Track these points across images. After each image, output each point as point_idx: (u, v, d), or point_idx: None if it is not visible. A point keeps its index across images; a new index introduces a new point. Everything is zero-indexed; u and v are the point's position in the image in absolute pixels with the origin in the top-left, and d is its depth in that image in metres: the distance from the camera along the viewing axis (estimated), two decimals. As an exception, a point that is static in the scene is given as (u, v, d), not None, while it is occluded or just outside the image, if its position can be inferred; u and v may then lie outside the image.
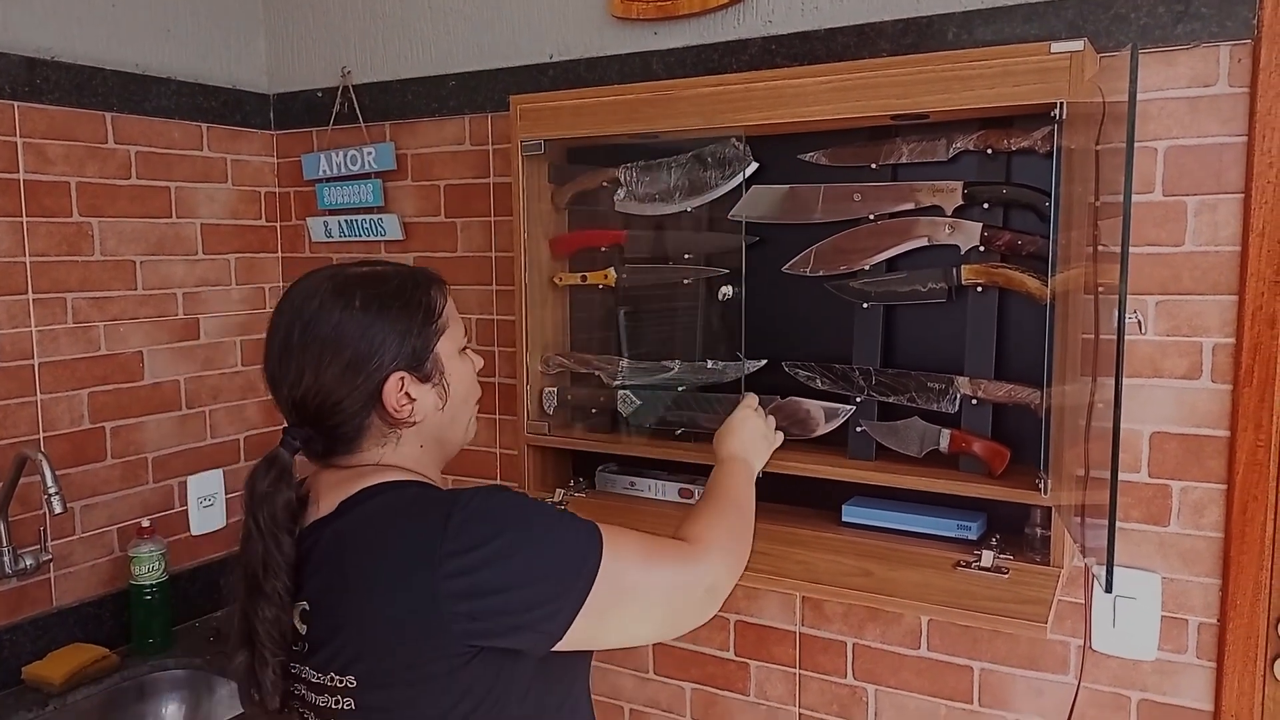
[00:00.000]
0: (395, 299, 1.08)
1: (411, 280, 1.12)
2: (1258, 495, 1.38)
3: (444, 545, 0.97)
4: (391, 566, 0.99)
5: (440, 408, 1.11)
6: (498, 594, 0.97)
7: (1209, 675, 1.44)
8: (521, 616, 0.98)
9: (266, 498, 1.05)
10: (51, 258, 1.86)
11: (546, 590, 0.99)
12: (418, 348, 1.08)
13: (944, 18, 1.51)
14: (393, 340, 1.06)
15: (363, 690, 1.01)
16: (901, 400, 1.47)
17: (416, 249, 2.06)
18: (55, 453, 1.83)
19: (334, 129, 2.13)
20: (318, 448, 1.10)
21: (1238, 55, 1.35)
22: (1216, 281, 1.38)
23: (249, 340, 2.23)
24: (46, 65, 1.84)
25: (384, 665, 0.99)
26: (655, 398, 1.65)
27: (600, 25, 1.80)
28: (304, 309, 1.07)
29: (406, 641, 0.98)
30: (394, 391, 1.06)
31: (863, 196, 1.48)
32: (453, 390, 1.12)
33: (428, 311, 1.10)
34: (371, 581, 1.00)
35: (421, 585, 0.97)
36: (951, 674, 1.62)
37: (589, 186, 1.71)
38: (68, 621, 1.89)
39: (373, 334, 1.06)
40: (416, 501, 1.04)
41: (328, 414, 1.06)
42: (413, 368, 1.08)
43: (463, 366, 1.15)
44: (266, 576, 1.03)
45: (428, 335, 1.09)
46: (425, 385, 1.09)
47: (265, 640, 1.03)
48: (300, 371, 1.05)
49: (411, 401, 1.08)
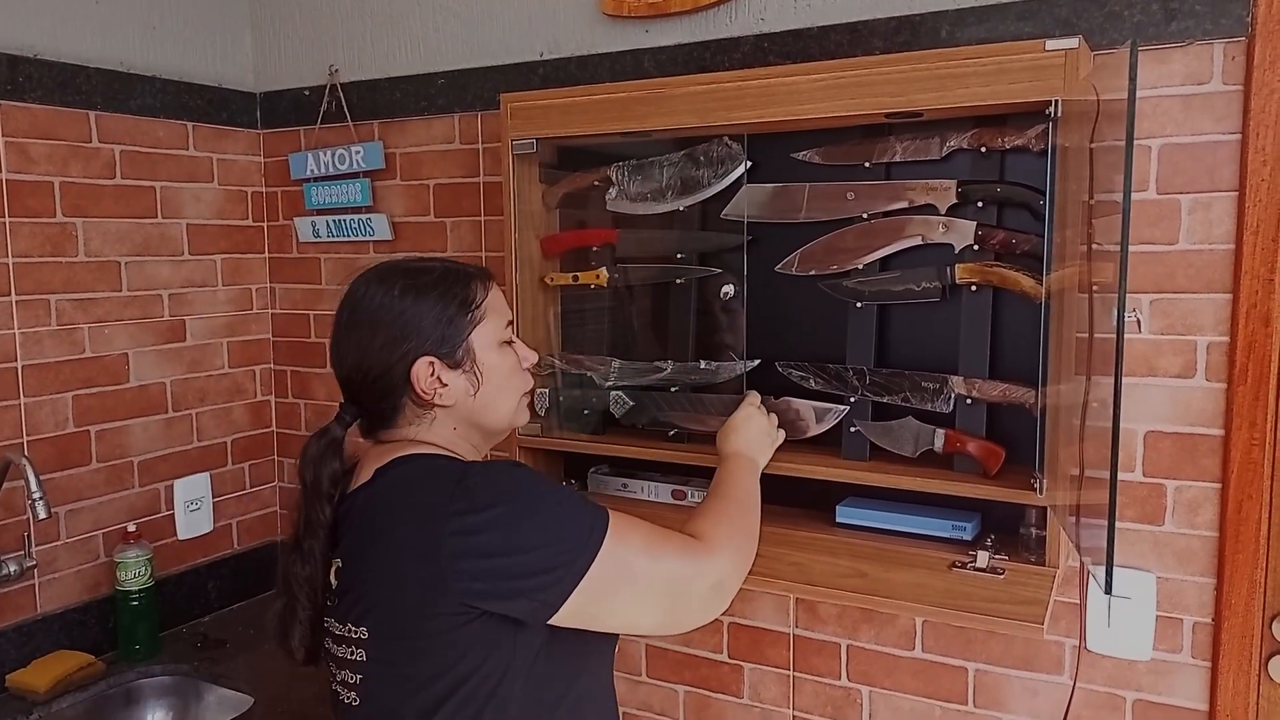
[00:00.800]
0: (434, 288, 1.17)
1: (454, 273, 1.20)
2: (1252, 494, 1.37)
3: (452, 504, 1.04)
4: (405, 523, 1.07)
5: (472, 394, 1.18)
6: (499, 556, 1.03)
7: (1204, 675, 1.44)
8: (520, 582, 1.03)
9: (313, 463, 1.15)
10: (35, 259, 1.83)
11: (547, 559, 1.04)
12: (449, 335, 1.16)
13: (937, 15, 1.50)
14: (426, 326, 1.15)
15: (372, 641, 1.08)
16: (896, 400, 1.46)
17: (405, 249, 2.04)
18: (39, 457, 1.81)
19: (322, 128, 2.11)
20: (364, 424, 1.20)
21: (1231, 53, 1.35)
22: (1211, 280, 1.38)
23: (236, 342, 2.21)
24: (29, 63, 1.81)
25: (392, 618, 1.06)
26: (648, 398, 1.64)
27: (591, 23, 1.79)
28: (355, 293, 1.19)
29: (410, 595, 1.04)
30: (424, 375, 1.14)
31: (856, 195, 1.47)
32: (486, 379, 1.19)
33: (464, 302, 1.17)
34: (388, 537, 1.08)
35: (428, 541, 1.03)
36: (946, 675, 1.61)
37: (580, 186, 1.69)
38: (52, 628, 1.87)
39: (407, 319, 1.15)
40: (436, 468, 1.11)
41: (368, 391, 1.16)
42: (444, 354, 1.15)
43: (502, 358, 1.21)
44: (305, 536, 1.14)
45: (460, 324, 1.16)
46: (455, 371, 1.17)
47: (298, 594, 1.13)
48: (348, 351, 1.17)
49: (443, 386, 1.16)
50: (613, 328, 1.73)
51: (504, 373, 1.21)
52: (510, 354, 1.23)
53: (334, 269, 2.17)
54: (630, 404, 1.64)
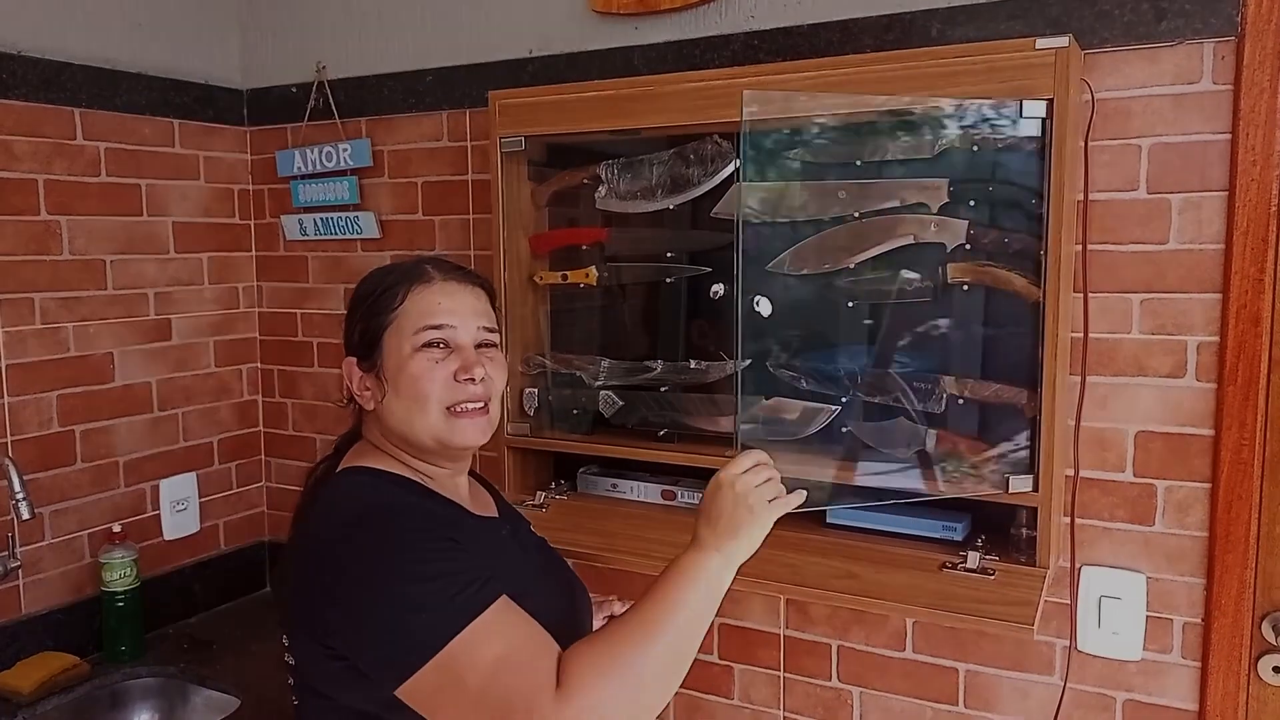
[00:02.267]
0: (362, 287, 1.18)
1: (386, 272, 1.19)
2: (1242, 494, 1.37)
3: (325, 562, 1.04)
4: (303, 551, 1.10)
5: (380, 398, 1.15)
6: (352, 615, 1.01)
7: (1194, 675, 1.44)
8: (361, 651, 1.02)
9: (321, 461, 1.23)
10: (18, 257, 1.81)
11: (386, 640, 0.99)
12: (365, 333, 1.15)
13: (928, 14, 1.49)
14: (353, 325, 1.17)
15: (293, 651, 1.11)
16: (887, 400, 1.46)
17: (393, 247, 2.03)
18: (23, 457, 1.79)
19: (309, 125, 2.10)
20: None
21: (1221, 52, 1.35)
22: (1201, 279, 1.38)
23: (222, 341, 2.19)
24: (13, 60, 1.79)
25: (297, 639, 1.10)
26: (638, 398, 1.63)
27: (580, 20, 1.78)
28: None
29: (298, 621, 1.08)
30: (347, 372, 1.17)
31: (847, 194, 1.46)
32: (389, 386, 1.14)
33: (378, 298, 1.15)
34: (295, 558, 1.11)
35: (307, 582, 1.06)
36: (937, 676, 1.61)
37: (569, 184, 1.68)
38: (37, 629, 1.85)
39: (347, 315, 1.19)
40: (346, 498, 1.12)
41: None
42: (360, 355, 1.16)
43: (410, 364, 1.12)
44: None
45: (374, 322, 1.15)
46: (370, 375, 1.15)
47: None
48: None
49: (366, 390, 1.16)
50: (602, 327, 1.72)
51: (408, 381, 1.11)
52: (421, 361, 1.12)
53: (321, 267, 2.16)
54: (620, 404, 1.64)
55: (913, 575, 1.38)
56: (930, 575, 1.37)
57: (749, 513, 1.07)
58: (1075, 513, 1.47)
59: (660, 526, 1.57)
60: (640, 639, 1.00)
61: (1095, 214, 1.42)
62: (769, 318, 1.56)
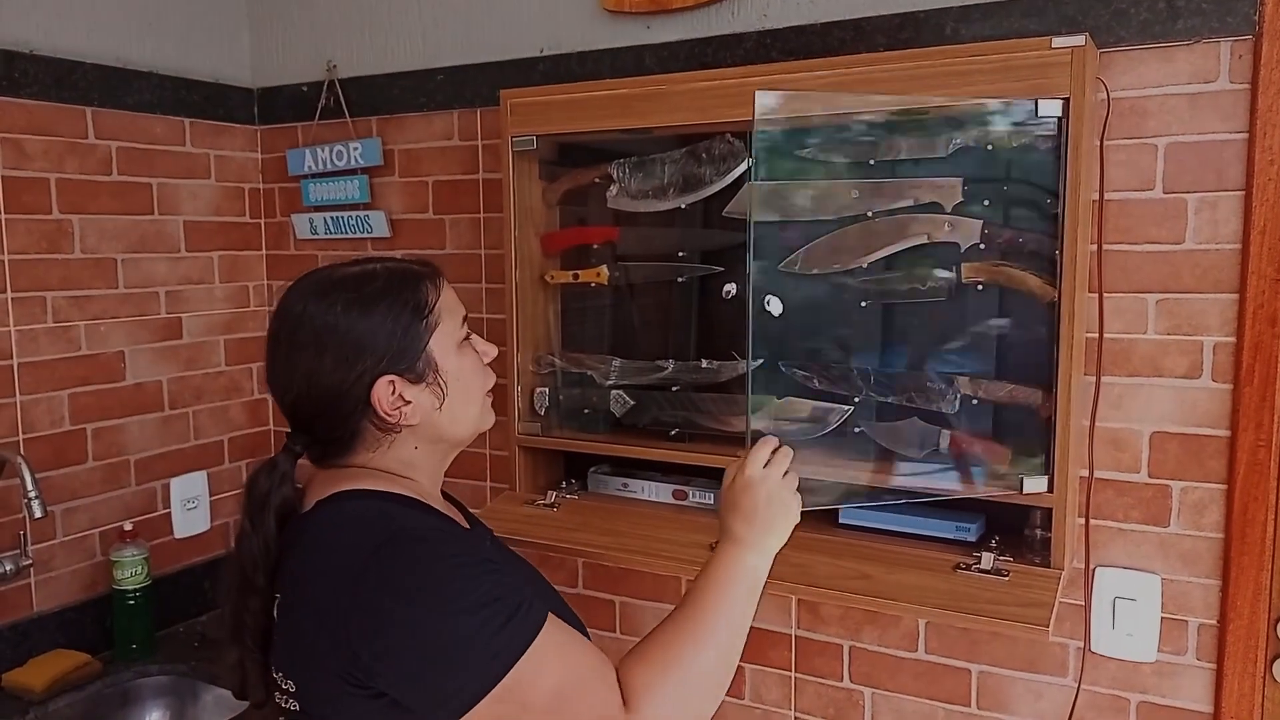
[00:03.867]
0: (381, 298, 1.05)
1: (400, 276, 1.08)
2: (1258, 496, 1.36)
3: (364, 581, 0.95)
4: (319, 585, 0.99)
5: (438, 407, 1.08)
6: (397, 655, 0.94)
7: (1209, 677, 1.43)
8: (409, 689, 0.95)
9: (264, 500, 1.04)
10: (31, 255, 1.82)
11: (437, 676, 0.94)
12: (407, 348, 1.05)
13: (941, 12, 1.49)
14: (380, 341, 1.04)
15: (300, 696, 1.01)
16: (901, 400, 1.45)
17: (404, 246, 2.03)
18: (35, 455, 1.79)
19: (320, 124, 2.10)
20: (315, 453, 1.09)
21: (1238, 51, 1.34)
22: (1217, 280, 1.37)
23: (233, 340, 2.19)
24: (25, 59, 1.79)
25: (311, 679, 1.00)
26: (649, 398, 1.62)
27: (592, 18, 1.77)
28: (290, 313, 1.06)
29: (323, 661, 0.97)
30: (385, 395, 1.04)
31: (860, 193, 1.46)
32: (452, 388, 1.09)
33: (416, 308, 1.07)
34: (306, 593, 1.00)
35: (337, 613, 0.96)
36: (949, 677, 1.60)
37: (581, 183, 1.68)
38: (49, 627, 1.85)
39: (357, 336, 1.03)
40: (364, 522, 1.01)
41: (321, 420, 1.06)
42: (403, 369, 1.05)
43: (463, 360, 1.11)
44: (256, 572, 1.04)
45: (417, 333, 1.06)
46: (419, 386, 1.06)
47: (254, 632, 1.04)
48: (291, 377, 1.05)
49: (406, 404, 1.05)
50: (613, 326, 1.72)
51: (469, 375, 1.11)
52: (470, 353, 1.12)
53: (332, 266, 2.15)
54: (631, 403, 1.63)
55: (926, 576, 1.37)
56: (944, 576, 1.36)
57: (783, 507, 1.09)
58: (1090, 514, 1.46)
59: (671, 526, 1.57)
60: (694, 644, 1.02)
61: (1110, 214, 1.41)
62: (780, 317, 1.56)
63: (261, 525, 1.04)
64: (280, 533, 1.05)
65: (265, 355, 1.09)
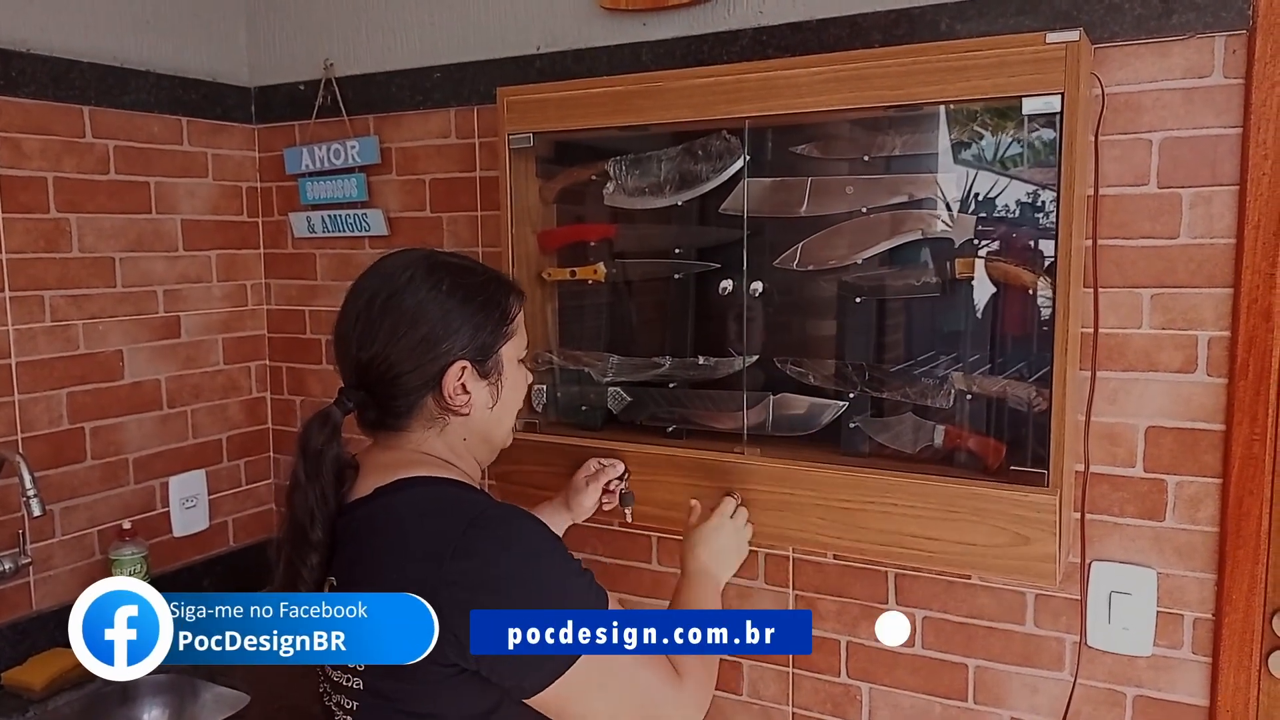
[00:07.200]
0: (479, 293, 1.14)
1: (496, 281, 1.18)
2: (1253, 489, 1.37)
3: (455, 557, 1.00)
4: (402, 565, 1.02)
5: (490, 406, 1.16)
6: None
7: (1204, 670, 1.43)
8: (500, 662, 0.99)
9: (320, 451, 1.08)
10: (28, 254, 1.82)
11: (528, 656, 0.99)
12: (486, 344, 1.14)
13: (937, 8, 1.49)
14: (467, 330, 1.12)
15: (369, 673, 1.04)
16: (895, 396, 1.46)
17: (401, 245, 2.02)
18: (34, 454, 1.79)
19: (317, 122, 2.10)
20: (370, 415, 1.14)
21: (1233, 46, 1.34)
22: (1212, 274, 1.37)
23: (231, 338, 2.19)
24: (22, 58, 1.79)
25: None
26: (646, 395, 1.63)
27: (588, 16, 1.78)
28: (395, 278, 1.12)
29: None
30: (454, 379, 1.11)
31: (855, 189, 1.46)
32: (504, 393, 1.18)
33: (503, 313, 1.16)
34: (383, 572, 1.02)
35: (423, 588, 0.99)
36: (946, 671, 1.61)
37: (577, 180, 1.68)
38: (48, 626, 1.85)
39: (451, 319, 1.11)
40: (441, 502, 1.07)
41: (388, 384, 1.11)
42: (476, 361, 1.13)
43: (519, 374, 1.21)
44: (313, 525, 1.07)
45: (497, 335, 1.15)
46: (482, 381, 1.15)
47: (310, 587, 1.07)
48: (374, 336, 1.10)
49: (466, 394, 1.13)
50: (611, 323, 1.72)
51: (519, 390, 1.21)
52: (524, 371, 1.22)
53: (329, 265, 2.16)
54: (628, 400, 1.64)
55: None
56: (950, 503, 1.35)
57: (735, 552, 1.36)
58: (1085, 508, 1.47)
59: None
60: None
61: (1105, 209, 1.42)
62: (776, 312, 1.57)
63: (317, 476, 1.07)
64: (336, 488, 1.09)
65: (344, 309, 1.13)
